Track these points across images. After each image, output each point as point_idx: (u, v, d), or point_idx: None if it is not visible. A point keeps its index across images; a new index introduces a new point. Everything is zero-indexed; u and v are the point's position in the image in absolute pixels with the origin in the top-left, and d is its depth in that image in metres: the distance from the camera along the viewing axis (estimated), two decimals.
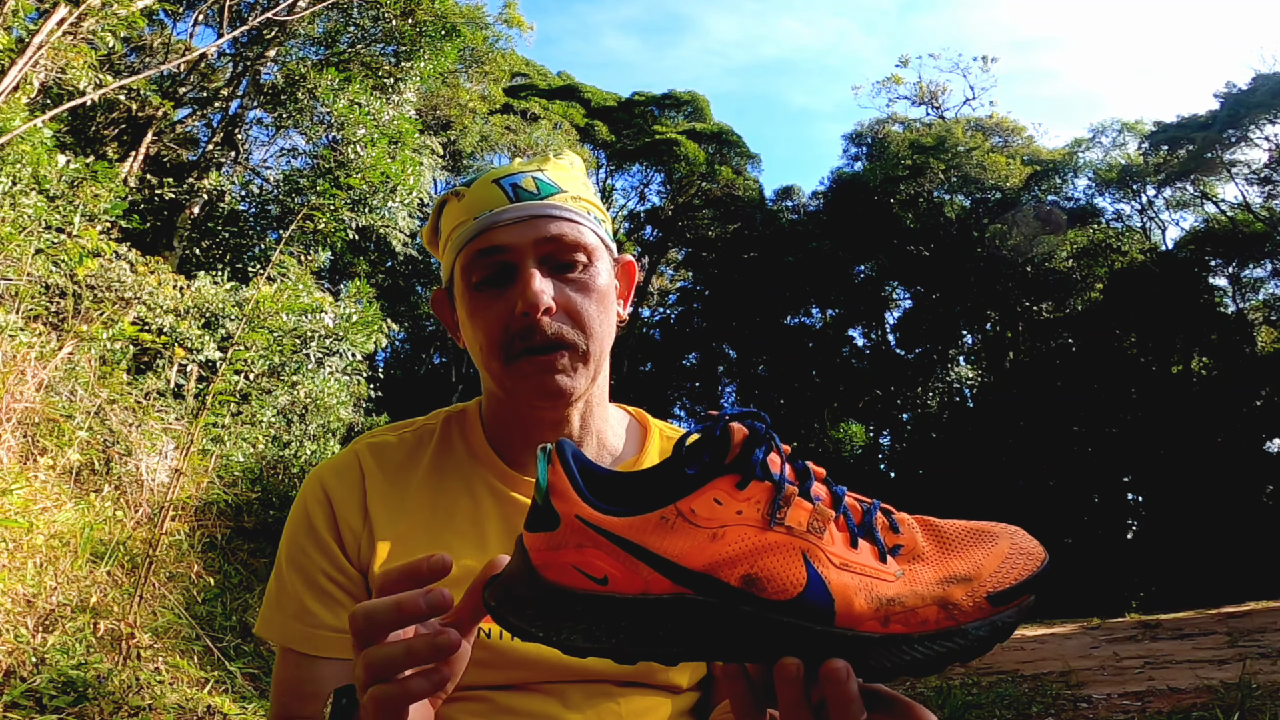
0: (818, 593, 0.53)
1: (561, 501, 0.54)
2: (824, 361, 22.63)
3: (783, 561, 0.53)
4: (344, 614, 0.82)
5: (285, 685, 0.84)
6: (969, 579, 0.55)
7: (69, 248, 5.30)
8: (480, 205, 0.84)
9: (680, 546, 0.53)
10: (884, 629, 0.53)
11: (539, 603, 0.54)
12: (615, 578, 0.53)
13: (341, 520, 0.86)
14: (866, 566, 0.55)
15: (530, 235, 0.82)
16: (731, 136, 24.42)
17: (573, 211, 0.84)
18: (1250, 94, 18.25)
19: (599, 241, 0.87)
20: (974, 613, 0.54)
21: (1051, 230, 20.50)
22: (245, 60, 11.30)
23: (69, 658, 2.83)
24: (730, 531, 0.53)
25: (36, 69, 6.51)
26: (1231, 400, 17.63)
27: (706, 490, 0.54)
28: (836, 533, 0.55)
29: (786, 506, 0.54)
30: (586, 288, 0.84)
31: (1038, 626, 9.03)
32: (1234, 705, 3.13)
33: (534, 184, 0.84)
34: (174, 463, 4.80)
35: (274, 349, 6.68)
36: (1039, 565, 0.56)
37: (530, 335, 0.81)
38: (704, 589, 0.53)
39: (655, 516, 0.53)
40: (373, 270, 17.64)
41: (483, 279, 0.83)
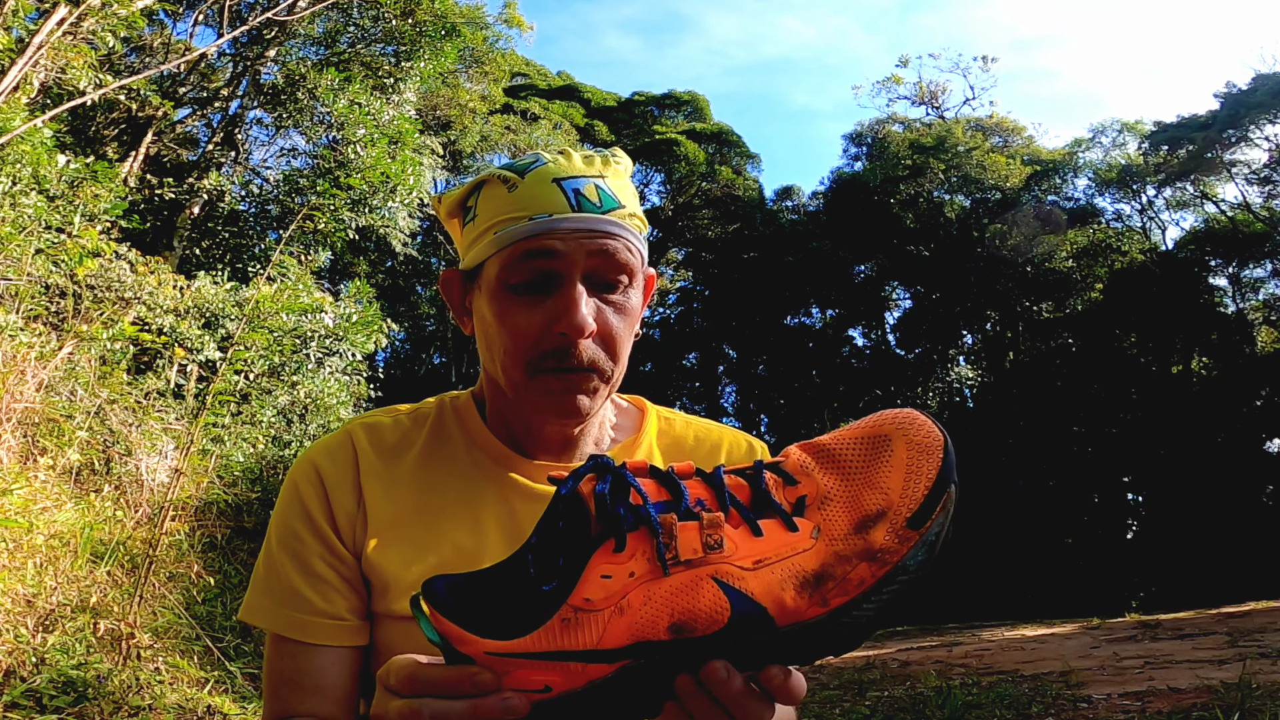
0: (746, 608, 0.51)
1: (463, 645, 0.53)
2: (824, 361, 22.63)
3: (698, 597, 0.51)
4: (338, 599, 0.81)
5: (280, 677, 0.81)
6: (883, 513, 0.53)
7: (69, 248, 5.30)
8: (538, 205, 0.78)
9: (594, 636, 0.51)
10: (826, 609, 0.52)
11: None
12: (555, 683, 0.52)
13: (335, 502, 0.83)
14: (779, 548, 0.52)
15: (585, 247, 0.78)
16: (731, 136, 24.43)
17: (628, 230, 0.81)
18: (1250, 94, 18.25)
19: (641, 260, 0.83)
20: (902, 546, 0.52)
21: (1051, 230, 20.50)
22: (245, 60, 11.30)
23: (69, 658, 2.83)
24: (633, 597, 0.51)
25: (36, 69, 6.51)
26: (1231, 400, 17.63)
27: (590, 571, 0.52)
28: (734, 531, 0.53)
29: (673, 540, 0.52)
30: (623, 310, 0.81)
31: (1038, 626, 9.03)
32: (1234, 705, 3.13)
33: (597, 194, 0.80)
34: (174, 463, 4.80)
35: (274, 349, 6.67)
36: (941, 454, 0.54)
37: (564, 356, 0.77)
38: (641, 654, 0.52)
39: (556, 622, 0.52)
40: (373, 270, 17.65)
41: (523, 282, 0.78)
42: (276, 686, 0.81)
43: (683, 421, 0.97)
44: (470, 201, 0.84)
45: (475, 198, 0.84)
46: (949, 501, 0.53)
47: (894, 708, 4.25)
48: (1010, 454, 18.65)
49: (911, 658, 6.43)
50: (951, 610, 12.62)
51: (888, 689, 4.88)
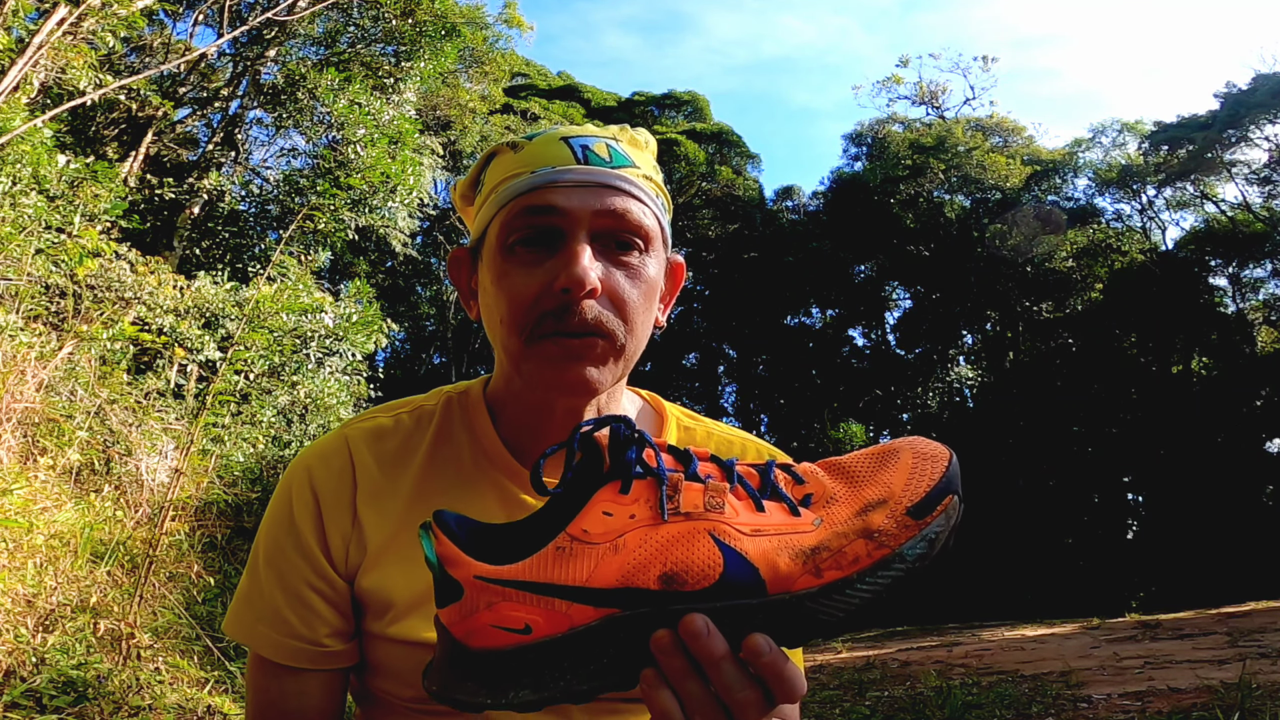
0: (739, 567, 0.51)
1: (456, 568, 0.52)
2: (824, 361, 22.63)
3: (692, 549, 0.51)
4: (320, 626, 0.76)
5: (263, 696, 0.78)
6: (883, 501, 0.53)
7: (69, 248, 5.30)
8: (541, 160, 0.73)
9: (585, 570, 0.51)
10: (819, 580, 0.51)
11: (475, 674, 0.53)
12: (537, 623, 0.51)
13: (328, 519, 0.78)
14: (780, 525, 0.53)
15: (591, 204, 0.71)
16: (731, 136, 24.44)
17: (642, 189, 0.75)
18: (1250, 94, 18.25)
19: (659, 230, 0.77)
20: (901, 533, 0.52)
21: (1051, 230, 20.50)
22: (245, 60, 11.30)
23: (69, 658, 2.83)
24: (630, 537, 0.52)
25: (36, 69, 6.51)
26: (1231, 400, 17.63)
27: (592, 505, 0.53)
28: (737, 502, 0.54)
29: (676, 494, 0.53)
30: (637, 275, 0.74)
31: (1038, 626, 9.03)
32: (1234, 705, 3.13)
33: (607, 150, 0.75)
34: (174, 463, 4.80)
35: (274, 349, 6.67)
36: (946, 464, 0.55)
37: (566, 316, 0.70)
38: (628, 603, 0.51)
39: (550, 550, 0.52)
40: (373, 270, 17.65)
41: (522, 239, 0.72)
42: (260, 708, 0.79)
43: (704, 432, 0.91)
44: (481, 176, 0.80)
45: (485, 171, 0.79)
46: (951, 508, 0.54)
47: (894, 708, 4.25)
48: (1010, 454, 18.64)
49: (911, 658, 6.43)
50: (951, 610, 12.62)
51: (888, 689, 4.88)
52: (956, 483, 0.54)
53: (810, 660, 6.96)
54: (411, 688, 0.75)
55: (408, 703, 0.76)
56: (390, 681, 0.77)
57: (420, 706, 0.76)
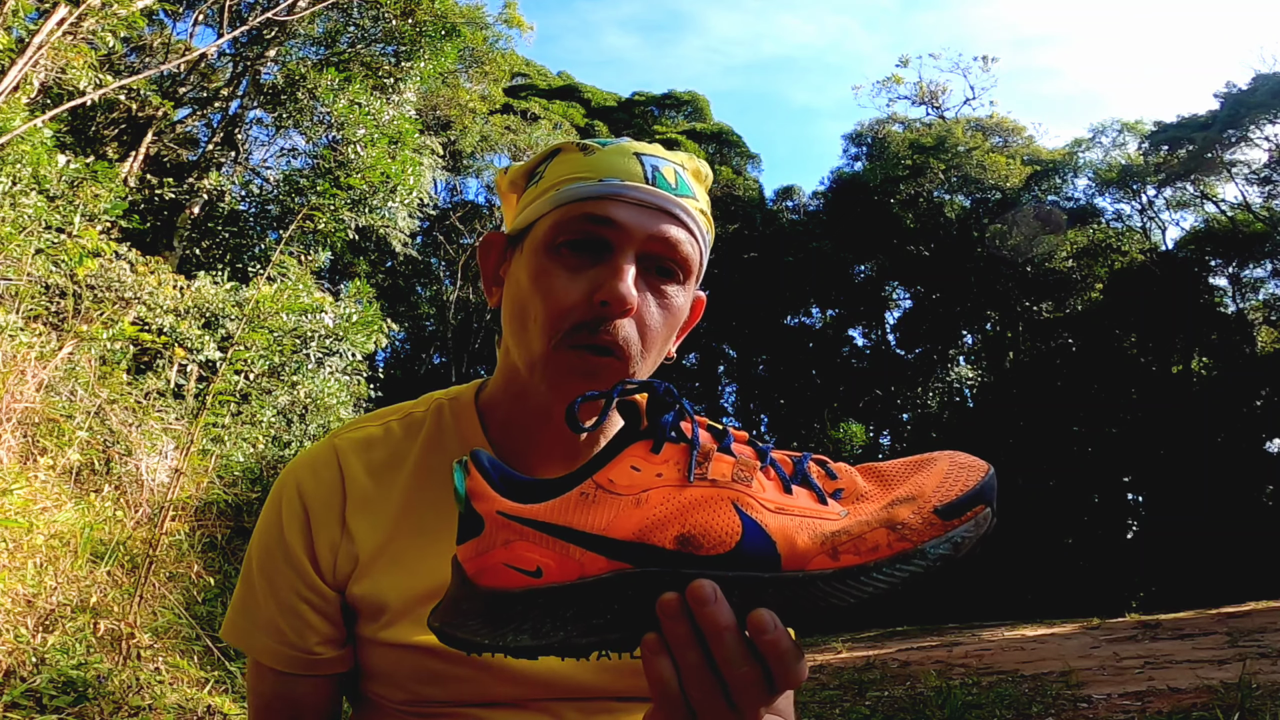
0: (756, 538, 0.51)
1: (481, 502, 0.53)
2: (824, 361, 22.62)
3: (713, 514, 0.51)
4: (310, 635, 0.77)
5: (262, 701, 0.80)
6: (912, 498, 0.53)
7: (69, 248, 5.30)
8: (611, 170, 0.73)
9: (605, 519, 0.51)
10: (835, 562, 0.51)
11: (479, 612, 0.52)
12: (549, 567, 0.51)
13: (317, 530, 0.78)
14: (805, 509, 0.53)
15: (649, 226, 0.72)
16: (731, 136, 24.45)
17: (697, 223, 0.75)
18: (1250, 94, 18.24)
19: (699, 266, 0.78)
20: (926, 530, 0.51)
21: (1051, 230, 20.50)
22: (245, 60, 11.30)
23: (69, 658, 2.83)
24: (653, 494, 0.52)
25: (36, 69, 6.51)
26: (1231, 400, 17.62)
27: (622, 459, 0.53)
28: (766, 481, 0.54)
29: (706, 461, 0.53)
30: (668, 306, 0.75)
31: (1038, 626, 9.03)
32: (1234, 705, 3.13)
33: (674, 176, 0.75)
34: (174, 463, 4.80)
35: (274, 349, 6.67)
36: (983, 475, 0.54)
37: (599, 330, 0.70)
38: (641, 559, 0.51)
39: (575, 494, 0.53)
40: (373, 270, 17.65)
41: (570, 242, 0.72)
42: (257, 701, 0.81)
43: None
44: (540, 168, 0.79)
45: (546, 165, 0.78)
46: (982, 518, 0.53)
47: (894, 708, 4.25)
48: (1010, 454, 18.63)
49: (911, 658, 6.43)
50: (951, 610, 12.61)
51: (888, 689, 4.88)
52: (991, 494, 0.54)
53: (810, 660, 6.95)
54: (403, 690, 0.75)
55: (399, 705, 0.77)
56: (382, 685, 0.77)
57: (412, 710, 0.76)
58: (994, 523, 0.54)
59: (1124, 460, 18.65)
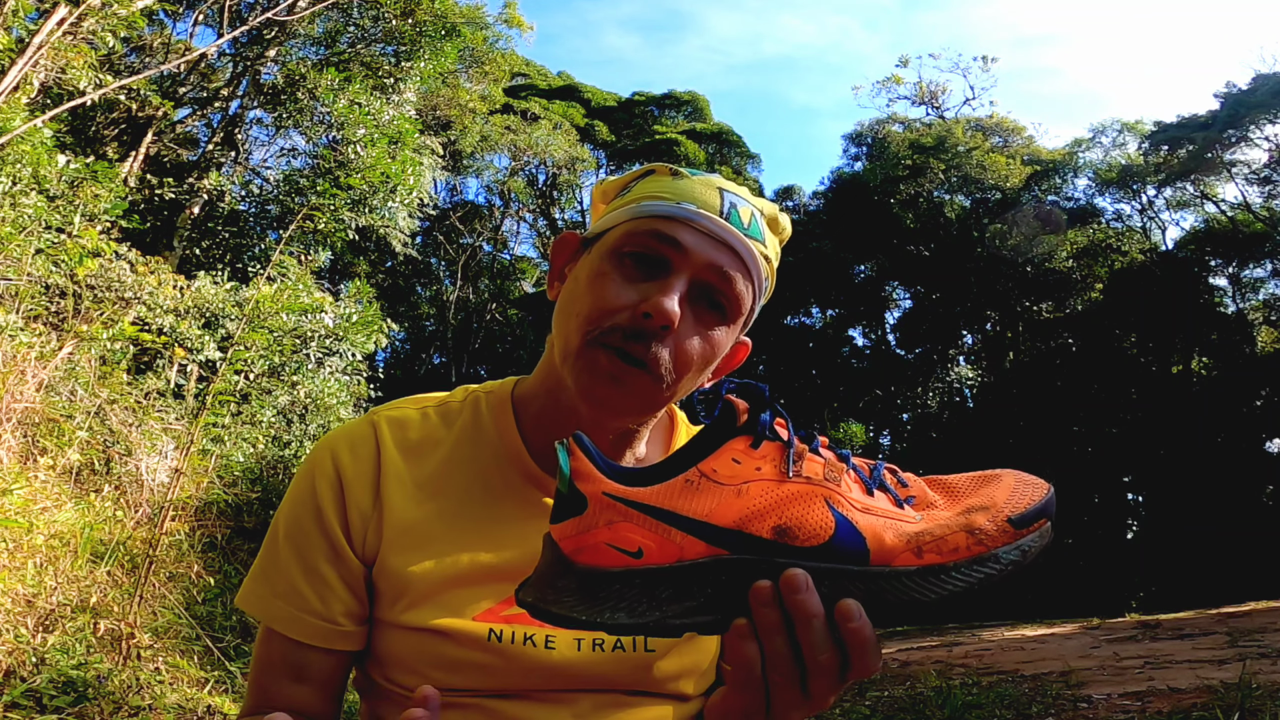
0: (848, 534, 0.54)
1: (586, 483, 0.55)
2: (824, 361, 22.63)
3: (808, 509, 0.55)
4: (336, 604, 0.78)
5: (267, 662, 0.80)
6: (987, 507, 0.57)
7: (69, 248, 5.30)
8: (691, 196, 0.77)
9: (708, 506, 0.54)
10: (919, 560, 0.54)
11: (577, 589, 0.54)
12: (649, 549, 0.54)
13: (350, 500, 0.80)
14: (886, 510, 0.57)
15: (710, 256, 0.74)
16: (731, 136, 24.44)
17: (758, 268, 0.78)
18: (1250, 94, 18.24)
19: (750, 304, 0.80)
20: (1000, 537, 0.56)
21: (1051, 230, 20.50)
22: (245, 60, 11.30)
23: (69, 658, 2.83)
24: (753, 486, 0.55)
25: (36, 69, 6.51)
26: (1231, 400, 17.62)
27: (724, 451, 0.57)
28: (851, 483, 0.58)
29: (800, 460, 0.57)
30: (709, 340, 0.76)
31: (1038, 626, 9.03)
32: (1234, 705, 3.13)
33: (750, 217, 0.78)
34: (174, 463, 4.80)
35: (274, 349, 6.67)
36: (1046, 492, 0.59)
37: (636, 338, 0.72)
38: (738, 546, 0.54)
39: (680, 480, 0.55)
40: (373, 270, 17.66)
41: (634, 253, 0.75)
42: (262, 672, 0.80)
43: None
44: (633, 184, 0.82)
45: (639, 181, 0.82)
46: (1044, 531, 0.58)
47: (894, 708, 4.25)
48: (1010, 454, 18.63)
49: (911, 658, 6.43)
50: (951, 610, 12.61)
51: (888, 689, 4.88)
52: (1052, 510, 0.59)
53: None
54: (418, 676, 0.76)
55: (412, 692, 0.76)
56: (397, 671, 0.78)
57: None
58: (1052, 537, 0.58)
59: (1124, 460, 18.65)
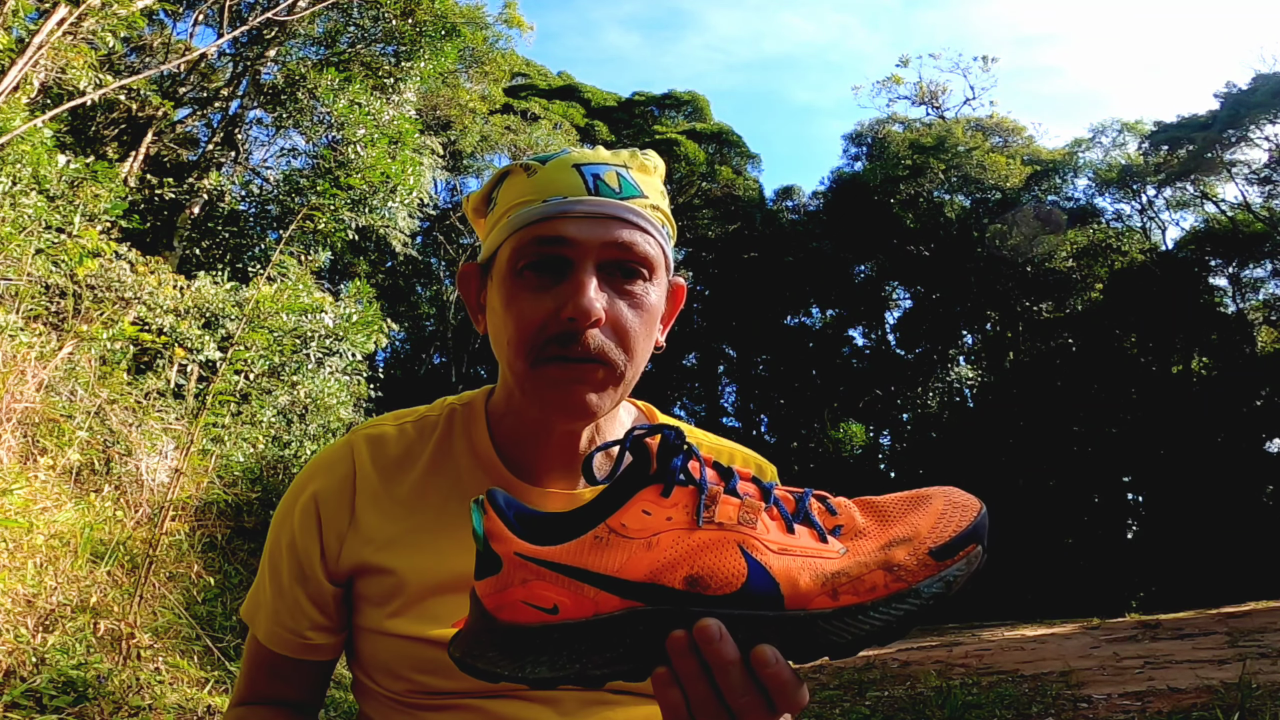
0: (761, 580, 0.54)
1: (499, 543, 0.56)
2: (824, 361, 22.62)
3: (720, 557, 0.54)
4: (305, 621, 0.84)
5: (258, 662, 0.88)
6: (909, 539, 0.56)
7: (69, 248, 5.30)
8: (553, 188, 0.75)
9: (618, 561, 0.54)
10: (835, 602, 0.54)
11: (499, 644, 0.56)
12: (565, 605, 0.54)
13: (326, 525, 0.82)
14: (807, 548, 0.56)
15: (600, 236, 0.74)
16: (731, 136, 24.43)
17: (649, 221, 0.77)
18: (1250, 94, 18.24)
19: (664, 258, 0.80)
20: (920, 571, 0.54)
21: (1051, 230, 20.50)
22: (245, 60, 11.30)
23: (69, 658, 2.83)
24: (664, 538, 0.55)
25: (36, 69, 6.51)
26: (1231, 400, 17.62)
27: (633, 503, 0.56)
28: (770, 521, 0.57)
29: (714, 505, 0.56)
30: (640, 304, 0.76)
31: (1038, 626, 9.03)
32: (1234, 705, 3.13)
33: (617, 180, 0.77)
34: (174, 463, 4.80)
35: (274, 349, 6.67)
36: (975, 515, 0.57)
37: (569, 343, 0.73)
38: (652, 598, 0.54)
39: (589, 538, 0.55)
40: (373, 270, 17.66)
41: (531, 265, 0.75)
42: (254, 669, 0.88)
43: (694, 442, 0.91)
44: (494, 193, 0.82)
45: (498, 189, 0.81)
46: (973, 556, 0.56)
47: (894, 708, 4.25)
48: (1010, 454, 18.64)
49: (911, 658, 6.43)
50: (951, 610, 12.60)
51: (888, 689, 4.88)
52: (983, 533, 0.57)
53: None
54: (405, 681, 0.79)
55: (400, 695, 0.80)
56: (384, 676, 0.81)
57: (414, 700, 0.79)
58: (984, 559, 0.57)
59: (1124, 460, 18.65)
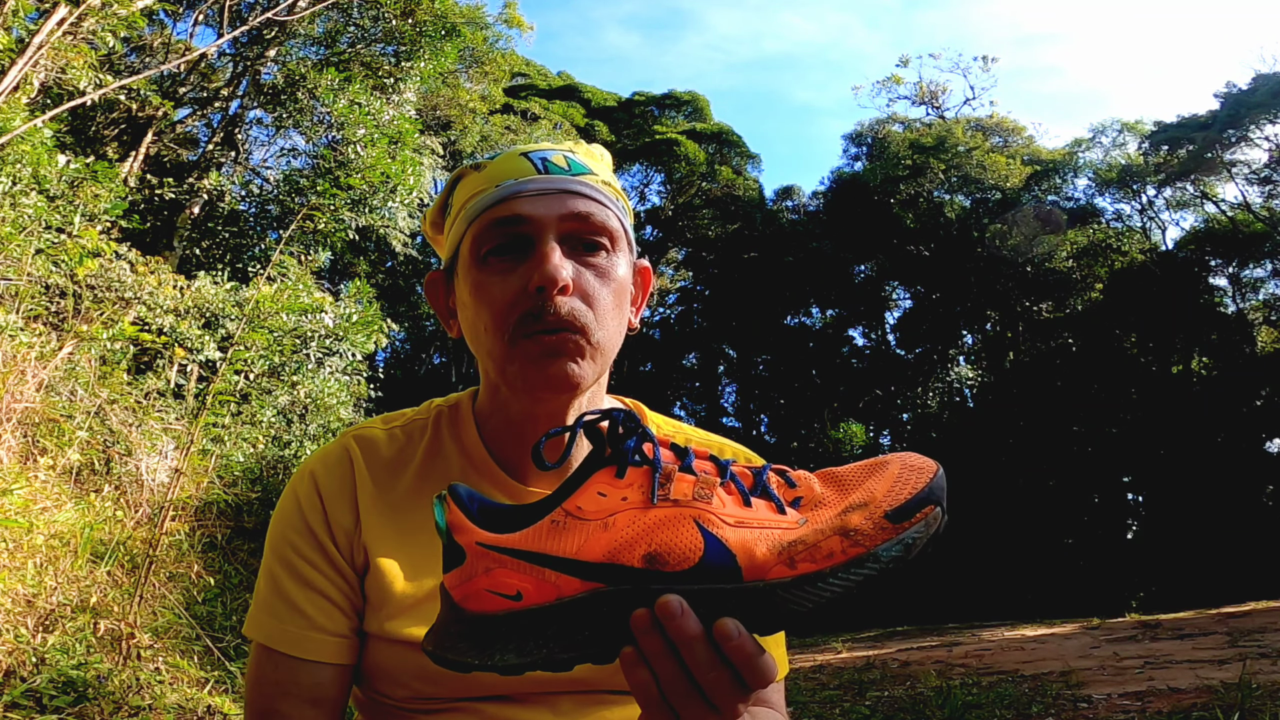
0: (717, 553, 0.54)
1: (461, 534, 0.56)
2: (824, 361, 22.62)
3: (676, 532, 0.55)
4: (337, 614, 0.79)
5: (266, 681, 0.78)
6: (864, 504, 0.56)
7: (69, 248, 5.30)
8: (503, 175, 0.78)
9: (576, 543, 0.55)
10: (792, 571, 0.54)
11: (467, 635, 0.56)
12: (528, 591, 0.55)
13: (333, 517, 0.81)
14: (764, 520, 0.56)
15: (556, 210, 0.75)
16: (731, 136, 24.43)
17: (602, 193, 0.79)
18: (1250, 94, 18.24)
19: (624, 232, 0.81)
20: (877, 534, 0.54)
21: (1051, 230, 20.50)
22: (245, 60, 11.30)
23: (69, 658, 2.83)
24: (620, 518, 0.55)
25: (36, 69, 6.51)
26: (1231, 400, 17.62)
27: (588, 486, 0.57)
28: (725, 496, 0.57)
29: (669, 483, 0.57)
30: (606, 274, 0.77)
31: (1038, 626, 9.04)
32: (1234, 705, 3.12)
33: (565, 161, 0.79)
34: (174, 463, 4.80)
35: (274, 349, 6.67)
36: (931, 476, 0.57)
37: (542, 314, 0.73)
38: (612, 578, 0.55)
39: (546, 523, 0.56)
40: (373, 270, 17.65)
41: (493, 249, 0.76)
42: (262, 689, 0.78)
43: (683, 439, 0.93)
44: (449, 200, 0.83)
45: (452, 194, 0.83)
46: (931, 518, 0.55)
47: (894, 708, 4.25)
48: (1010, 454, 18.64)
49: (911, 658, 6.43)
50: (951, 610, 12.62)
51: (888, 689, 4.88)
52: (940, 494, 0.56)
53: (810, 660, 6.96)
54: (403, 687, 0.78)
55: (401, 703, 0.79)
56: (385, 683, 0.79)
57: (415, 706, 0.78)
58: (945, 520, 0.56)
59: (1124, 460, 18.65)
